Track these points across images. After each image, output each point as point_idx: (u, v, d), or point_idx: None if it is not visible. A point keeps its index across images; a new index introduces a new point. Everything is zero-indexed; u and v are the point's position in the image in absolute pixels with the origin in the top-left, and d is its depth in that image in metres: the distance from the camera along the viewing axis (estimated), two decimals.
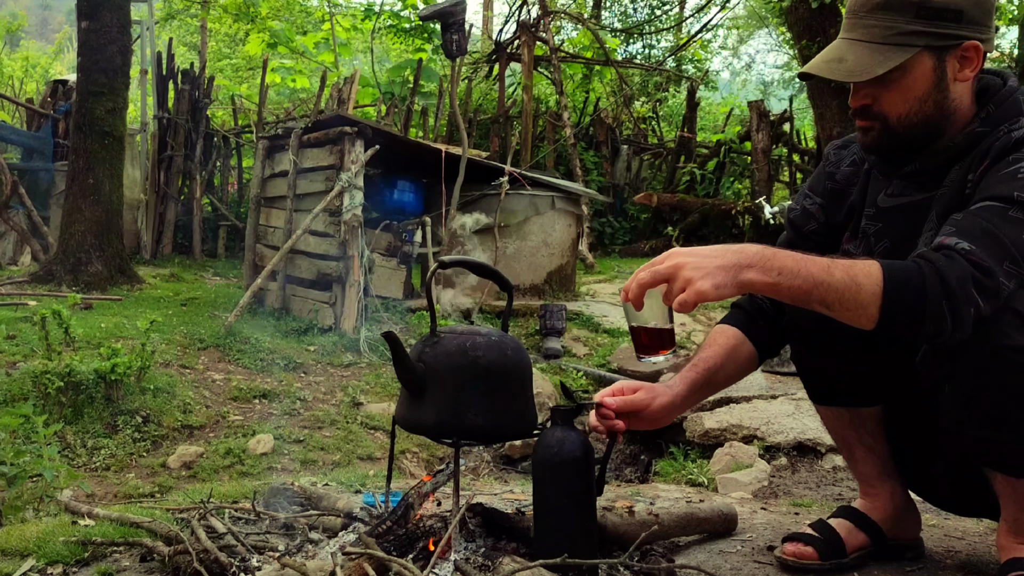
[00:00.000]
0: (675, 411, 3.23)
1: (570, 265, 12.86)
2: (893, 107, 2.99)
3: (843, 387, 3.37)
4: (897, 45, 2.90)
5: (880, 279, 2.58)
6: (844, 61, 2.96)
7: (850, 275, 2.59)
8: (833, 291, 2.58)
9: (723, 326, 3.48)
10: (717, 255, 2.59)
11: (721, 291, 2.54)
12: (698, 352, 3.41)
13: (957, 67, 2.95)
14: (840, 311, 2.62)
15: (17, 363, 7.87)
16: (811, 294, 2.59)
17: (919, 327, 2.61)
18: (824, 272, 2.58)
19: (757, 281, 2.58)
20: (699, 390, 3.30)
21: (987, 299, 2.61)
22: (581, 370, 9.65)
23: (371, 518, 3.41)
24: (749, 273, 2.57)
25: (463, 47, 11.91)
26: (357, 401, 8.32)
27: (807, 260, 2.60)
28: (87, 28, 12.48)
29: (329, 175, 10.52)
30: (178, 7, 28.87)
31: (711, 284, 2.53)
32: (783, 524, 4.04)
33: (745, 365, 3.44)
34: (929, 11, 2.88)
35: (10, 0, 67.54)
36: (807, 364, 3.45)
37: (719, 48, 39.86)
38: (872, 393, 3.36)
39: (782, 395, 7.53)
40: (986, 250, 2.61)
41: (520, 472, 7.66)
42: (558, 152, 20.24)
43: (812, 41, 13.30)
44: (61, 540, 3.53)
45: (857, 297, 2.58)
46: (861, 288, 2.58)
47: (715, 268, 2.55)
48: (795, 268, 2.58)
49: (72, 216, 12.37)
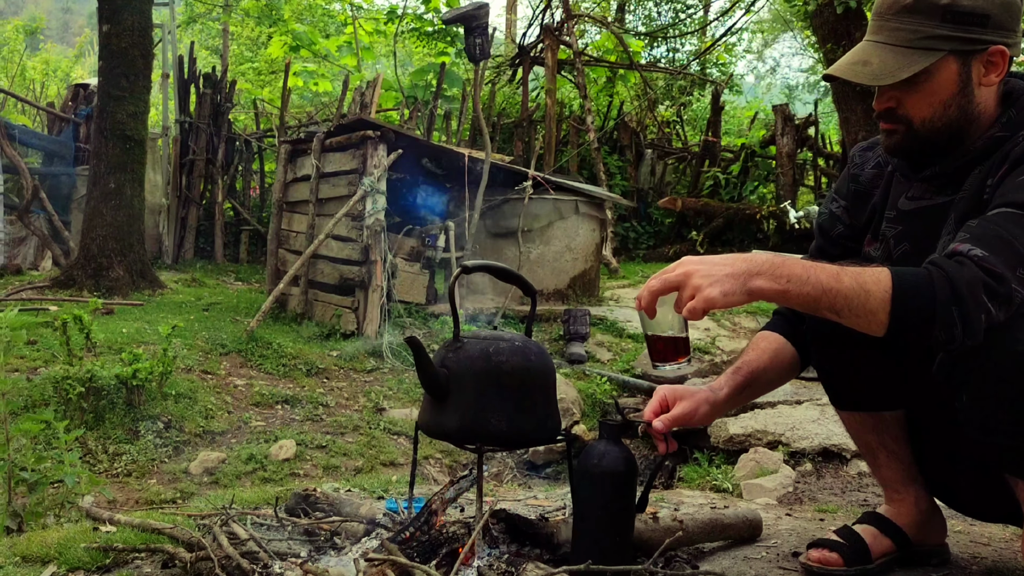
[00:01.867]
0: (718, 415, 3.28)
1: (594, 270, 12.81)
2: (917, 111, 2.99)
3: (864, 392, 3.39)
4: (923, 49, 2.89)
5: (889, 285, 2.60)
6: (869, 64, 2.95)
7: (859, 282, 2.61)
8: (842, 298, 2.60)
9: (766, 332, 3.53)
10: (727, 263, 2.62)
11: (729, 298, 2.58)
12: (741, 355, 3.44)
13: (982, 71, 2.94)
14: (850, 317, 2.64)
15: (38, 368, 7.86)
16: (820, 301, 2.61)
17: (929, 333, 2.61)
18: (833, 279, 2.60)
19: (766, 288, 2.60)
20: (742, 392, 3.32)
21: (999, 305, 2.61)
22: (605, 375, 9.58)
23: (394, 524, 3.43)
24: (758, 280, 2.60)
25: (486, 51, 11.88)
26: (380, 406, 8.30)
27: (816, 267, 2.63)
28: (108, 31, 12.47)
29: (352, 179, 10.49)
30: (200, 10, 28.92)
31: (720, 291, 2.56)
32: (808, 530, 4.04)
33: (788, 369, 3.46)
34: (956, 15, 2.87)
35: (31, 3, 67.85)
36: (828, 370, 3.46)
37: (744, 52, 39.81)
38: (894, 398, 3.37)
39: (807, 400, 7.47)
40: (999, 256, 2.62)
41: (544, 478, 7.63)
42: (582, 156, 20.19)
43: (837, 45, 13.24)
44: (82, 546, 3.51)
45: (866, 304, 2.60)
46: (870, 294, 2.59)
47: (724, 276, 2.59)
48: (804, 275, 2.61)
49: (93, 221, 12.36)
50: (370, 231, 10.06)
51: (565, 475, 6.83)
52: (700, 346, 10.89)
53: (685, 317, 2.65)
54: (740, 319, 12.63)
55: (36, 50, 37.39)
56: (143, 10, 12.77)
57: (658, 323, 2.84)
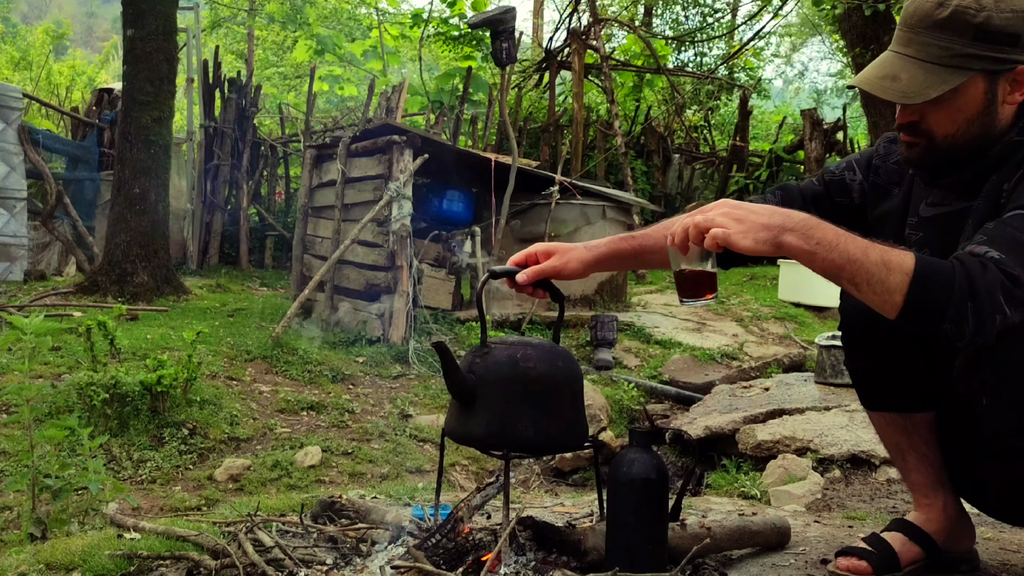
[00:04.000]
0: (590, 270, 3.34)
1: (621, 275, 12.81)
2: (941, 127, 2.98)
3: (895, 393, 3.38)
4: (953, 67, 2.88)
5: (911, 268, 2.59)
6: (898, 80, 2.93)
7: (884, 259, 2.60)
8: (864, 271, 2.60)
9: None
10: (764, 213, 2.65)
11: (758, 246, 2.61)
12: (652, 227, 3.50)
13: (1008, 90, 2.94)
14: (868, 292, 2.64)
15: (62, 375, 7.86)
16: (844, 270, 2.62)
17: (940, 323, 2.61)
18: (861, 252, 2.60)
19: (795, 246, 2.61)
20: (622, 259, 3.44)
21: (1015, 308, 2.61)
22: (633, 382, 9.55)
23: (420, 531, 3.41)
24: (789, 236, 2.61)
25: (513, 55, 11.83)
26: (406, 413, 8.28)
27: (848, 237, 2.63)
28: (133, 36, 12.48)
29: (377, 185, 10.46)
30: (225, 14, 28.99)
31: (751, 241, 2.61)
32: (837, 537, 4.02)
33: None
34: (987, 35, 2.85)
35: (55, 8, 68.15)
36: (859, 369, 3.49)
37: (771, 56, 39.72)
38: (924, 399, 3.35)
39: (835, 407, 7.43)
40: (1016, 259, 2.62)
41: (571, 485, 7.61)
42: (609, 161, 20.22)
43: (866, 49, 13.21)
44: (107, 554, 3.52)
45: (886, 281, 2.60)
46: (892, 273, 2.59)
47: (759, 225, 2.63)
48: (834, 242, 2.61)
49: (117, 226, 12.37)
50: (396, 236, 10.04)
51: (592, 482, 6.79)
52: (728, 351, 10.86)
53: (708, 248, 2.68)
54: (768, 325, 12.60)
55: (62, 55, 37.52)
56: (167, 14, 12.78)
57: (688, 258, 2.84)
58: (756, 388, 8.47)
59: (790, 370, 10.10)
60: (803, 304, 13.83)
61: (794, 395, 7.94)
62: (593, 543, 3.21)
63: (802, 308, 13.71)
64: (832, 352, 8.09)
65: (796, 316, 13.26)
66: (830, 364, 8.12)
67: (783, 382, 8.55)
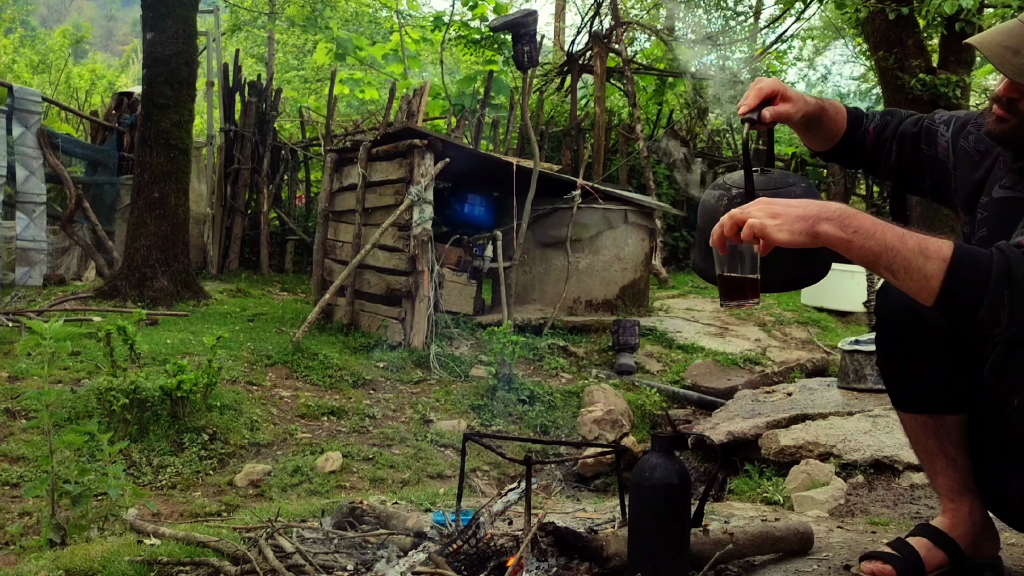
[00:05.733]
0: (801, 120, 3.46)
1: (643, 280, 12.75)
2: None
3: (927, 394, 3.39)
4: None
5: (949, 255, 2.60)
6: (1019, 55, 2.90)
7: (921, 246, 2.62)
8: (901, 258, 2.62)
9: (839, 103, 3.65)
10: (799, 205, 2.70)
11: (795, 238, 2.64)
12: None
13: None
14: (904, 279, 2.65)
15: (82, 380, 7.88)
16: (880, 257, 2.64)
17: (976, 311, 2.61)
18: (898, 239, 2.63)
19: (832, 235, 2.64)
20: (820, 121, 3.52)
21: None
22: (655, 387, 9.53)
23: (441, 537, 3.49)
24: (826, 226, 2.64)
25: (534, 58, 11.79)
26: (427, 418, 8.29)
27: (884, 225, 2.65)
28: (152, 39, 12.50)
29: (398, 189, 10.46)
30: (245, 18, 29.03)
31: (787, 234, 2.65)
32: (860, 543, 4.05)
33: (833, 134, 3.60)
34: None
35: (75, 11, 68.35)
36: (892, 370, 3.50)
37: (794, 59, 39.62)
38: (956, 400, 3.36)
39: (858, 412, 7.41)
40: None
41: (592, 490, 7.60)
42: (631, 165, 20.14)
43: (889, 52, 13.16)
44: (126, 560, 3.57)
45: (923, 268, 2.61)
46: (929, 260, 2.60)
47: (794, 217, 2.66)
48: (871, 230, 2.64)
49: (137, 230, 12.37)
50: (417, 241, 10.02)
51: (614, 488, 6.78)
52: (750, 356, 10.84)
53: (745, 239, 2.72)
54: (791, 330, 12.58)
55: (81, 59, 37.61)
56: (187, 18, 12.80)
57: (729, 261, 2.87)
58: (779, 393, 8.44)
59: (813, 375, 10.07)
60: (826, 309, 13.81)
61: (817, 400, 7.91)
62: (615, 549, 3.25)
63: (825, 312, 13.70)
64: (855, 357, 8.05)
65: (819, 321, 13.24)
66: (853, 369, 8.08)
67: (806, 387, 8.52)
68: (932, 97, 12.74)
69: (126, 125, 16.78)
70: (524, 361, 9.87)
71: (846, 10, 14.21)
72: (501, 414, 8.52)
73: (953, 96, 12.87)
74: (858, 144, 3.55)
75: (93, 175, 16.54)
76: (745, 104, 3.25)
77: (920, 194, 3.64)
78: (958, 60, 13.40)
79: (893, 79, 13.31)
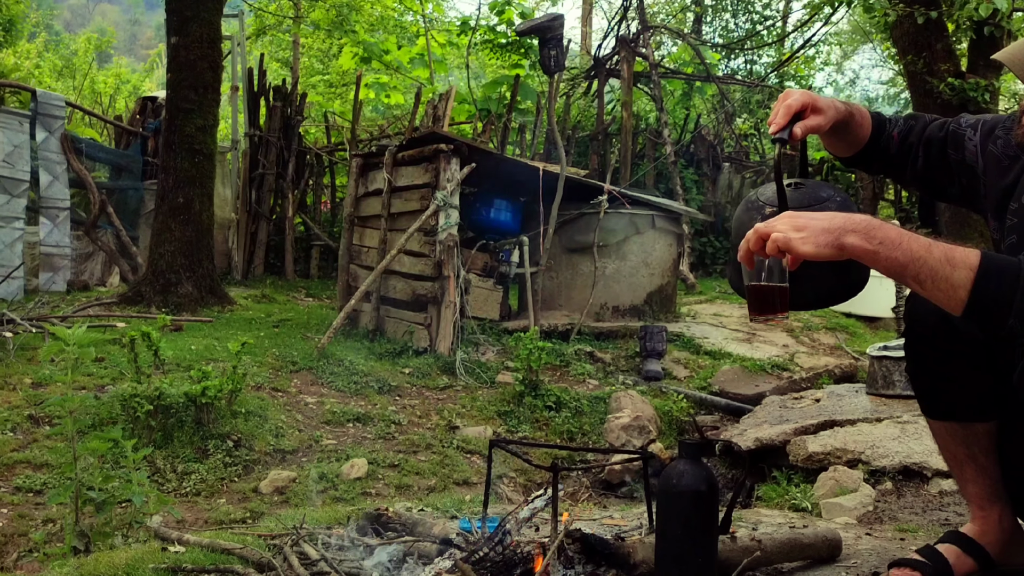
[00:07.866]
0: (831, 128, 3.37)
1: (671, 285, 12.72)
2: None
3: (957, 401, 3.36)
4: None
5: (977, 264, 2.58)
6: None
7: (948, 256, 2.60)
8: (928, 268, 2.60)
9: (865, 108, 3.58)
10: (825, 218, 2.67)
11: (821, 250, 2.61)
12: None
13: None
14: (932, 289, 2.63)
15: (106, 386, 7.90)
16: (907, 268, 2.61)
17: (1005, 319, 2.59)
18: (924, 249, 2.60)
19: (858, 246, 2.61)
20: (847, 127, 3.44)
21: None
22: (682, 393, 9.52)
23: (467, 544, 3.47)
24: (851, 238, 2.61)
25: (561, 63, 11.79)
26: (453, 424, 8.28)
27: (910, 236, 2.63)
28: (177, 44, 12.53)
29: (424, 194, 10.45)
30: (270, 22, 29.05)
31: (812, 246, 2.61)
32: (889, 550, 4.04)
33: (859, 139, 3.52)
34: None
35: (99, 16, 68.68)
36: (922, 377, 3.46)
37: (822, 64, 39.60)
38: (986, 408, 3.33)
39: (887, 418, 7.36)
40: None
41: (620, 497, 7.58)
42: (658, 170, 20.13)
43: (918, 56, 13.06)
44: (151, 567, 3.58)
45: (950, 278, 2.58)
46: (956, 269, 2.58)
47: (820, 230, 2.63)
48: (897, 240, 2.61)
49: (162, 236, 12.41)
50: (443, 246, 10.01)
51: (641, 494, 6.74)
52: (778, 362, 10.79)
53: (770, 253, 2.70)
54: (819, 335, 12.53)
55: (105, 63, 37.75)
56: (212, 22, 12.84)
57: (756, 277, 2.87)
58: (807, 399, 8.40)
59: (841, 381, 10.02)
60: (854, 315, 13.76)
61: (845, 406, 7.86)
62: (643, 556, 3.26)
63: (853, 318, 13.65)
64: (884, 363, 8.00)
65: (847, 326, 13.20)
66: (882, 375, 8.02)
67: (834, 393, 8.46)
68: (961, 102, 12.66)
69: (150, 130, 16.82)
70: (550, 367, 9.85)
71: (874, 14, 14.15)
72: (527, 420, 8.50)
73: (982, 100, 12.78)
74: (882, 149, 3.52)
75: (117, 180, 16.57)
76: (775, 123, 3.20)
77: (948, 200, 3.60)
78: (987, 64, 13.30)
79: (922, 83, 13.23)
